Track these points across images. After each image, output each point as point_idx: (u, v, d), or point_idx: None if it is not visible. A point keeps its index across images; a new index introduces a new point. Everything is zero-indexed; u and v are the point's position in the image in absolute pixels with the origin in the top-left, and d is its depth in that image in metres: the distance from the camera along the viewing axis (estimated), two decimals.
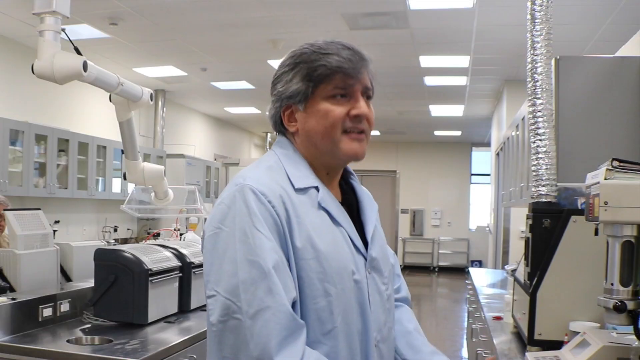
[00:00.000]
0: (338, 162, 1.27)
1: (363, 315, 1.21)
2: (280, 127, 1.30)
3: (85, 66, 2.43)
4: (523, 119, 3.73)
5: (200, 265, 2.99)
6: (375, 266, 1.27)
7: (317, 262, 1.15)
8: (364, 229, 1.30)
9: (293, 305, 1.11)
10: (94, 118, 7.35)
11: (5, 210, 2.91)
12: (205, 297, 1.14)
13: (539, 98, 2.33)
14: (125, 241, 7.07)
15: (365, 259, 1.25)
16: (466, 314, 6.26)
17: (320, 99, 1.22)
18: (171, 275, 2.83)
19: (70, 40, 2.50)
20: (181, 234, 3.84)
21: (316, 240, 1.16)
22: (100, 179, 6.89)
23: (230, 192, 1.17)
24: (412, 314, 1.47)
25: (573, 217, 2.10)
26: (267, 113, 1.32)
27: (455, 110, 10.03)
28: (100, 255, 2.67)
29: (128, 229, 7.86)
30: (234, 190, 1.16)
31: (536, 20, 2.35)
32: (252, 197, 1.13)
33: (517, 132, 4.21)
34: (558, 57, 2.66)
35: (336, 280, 1.16)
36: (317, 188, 1.22)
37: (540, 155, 2.32)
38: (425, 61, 6.85)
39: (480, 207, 13.46)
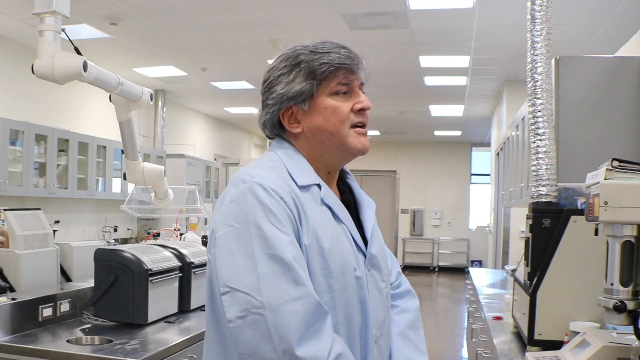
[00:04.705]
0: (346, 157, 1.28)
1: (363, 312, 1.22)
2: (278, 130, 1.29)
3: (85, 66, 2.43)
4: (523, 119, 3.73)
5: (201, 266, 3.02)
6: (375, 264, 1.28)
7: (322, 258, 1.15)
8: (363, 227, 1.31)
9: None
10: (94, 118, 7.35)
11: (5, 210, 2.91)
12: (219, 294, 1.10)
13: (539, 98, 2.33)
14: (125, 241, 7.07)
15: (365, 257, 1.26)
16: (466, 314, 6.26)
17: (325, 96, 1.23)
18: (171, 275, 2.84)
19: (70, 40, 2.50)
20: (181, 234, 3.84)
21: (321, 236, 1.16)
22: (100, 179, 6.88)
23: (239, 190, 1.15)
24: (412, 307, 1.43)
25: (573, 217, 2.10)
26: (259, 120, 1.31)
27: (455, 110, 10.02)
28: (100, 255, 2.67)
29: (128, 229, 7.85)
30: (243, 188, 1.15)
31: (536, 20, 2.35)
32: (263, 193, 1.13)
33: (517, 132, 4.21)
34: (558, 57, 2.67)
35: (339, 276, 1.17)
36: (318, 185, 1.23)
37: (540, 155, 2.32)
38: (425, 61, 6.85)
39: (480, 207, 13.46)
